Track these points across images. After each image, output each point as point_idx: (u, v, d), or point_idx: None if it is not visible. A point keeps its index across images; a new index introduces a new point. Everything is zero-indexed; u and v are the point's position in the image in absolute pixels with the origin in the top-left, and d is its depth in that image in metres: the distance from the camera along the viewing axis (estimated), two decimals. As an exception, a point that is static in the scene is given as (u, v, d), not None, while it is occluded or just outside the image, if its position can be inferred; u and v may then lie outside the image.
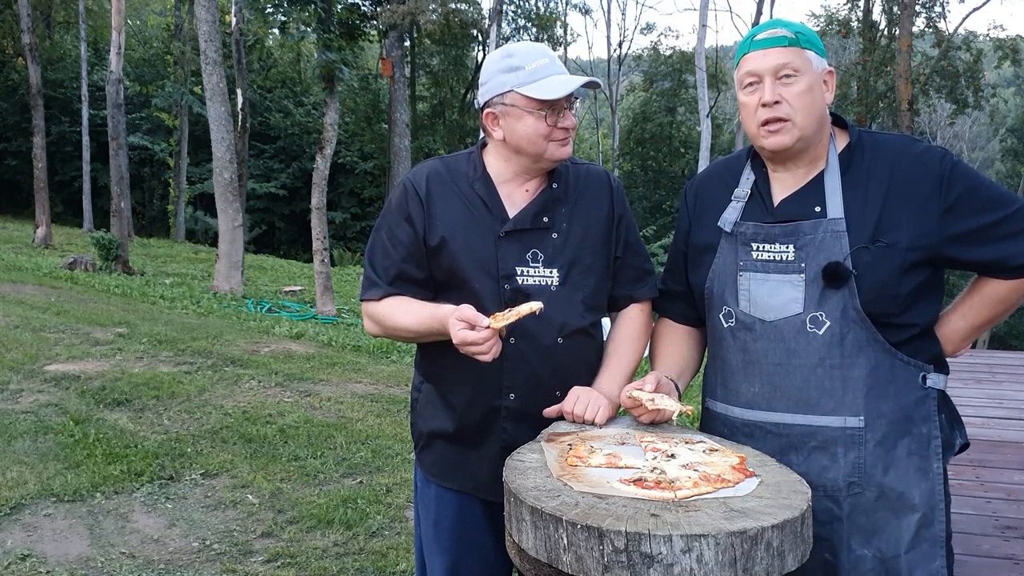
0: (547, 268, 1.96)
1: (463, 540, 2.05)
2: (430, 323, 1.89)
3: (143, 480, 4.56)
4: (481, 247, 1.94)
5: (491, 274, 1.93)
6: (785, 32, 1.80)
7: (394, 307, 1.98)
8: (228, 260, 14.21)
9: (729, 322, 1.90)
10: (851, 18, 23.37)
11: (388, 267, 1.99)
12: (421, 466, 2.15)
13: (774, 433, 1.84)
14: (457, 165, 2.04)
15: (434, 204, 1.97)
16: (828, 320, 1.78)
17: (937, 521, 1.82)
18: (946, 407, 1.89)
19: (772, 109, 1.78)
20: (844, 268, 1.75)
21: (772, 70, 1.78)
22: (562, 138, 1.93)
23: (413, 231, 1.97)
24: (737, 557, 1.31)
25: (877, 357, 1.78)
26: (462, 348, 1.78)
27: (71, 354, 7.49)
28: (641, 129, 32.39)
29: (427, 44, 30.39)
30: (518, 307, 1.79)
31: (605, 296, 2.08)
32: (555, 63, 1.93)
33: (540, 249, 1.96)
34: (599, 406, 1.90)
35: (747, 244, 1.87)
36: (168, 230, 28.75)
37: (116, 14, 16.12)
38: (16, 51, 27.51)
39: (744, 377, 1.88)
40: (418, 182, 2.00)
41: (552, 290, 1.95)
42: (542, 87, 1.88)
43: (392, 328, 2.00)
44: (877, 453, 1.79)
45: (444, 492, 2.06)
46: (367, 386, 7.02)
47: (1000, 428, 5.14)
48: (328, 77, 13.53)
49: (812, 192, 1.83)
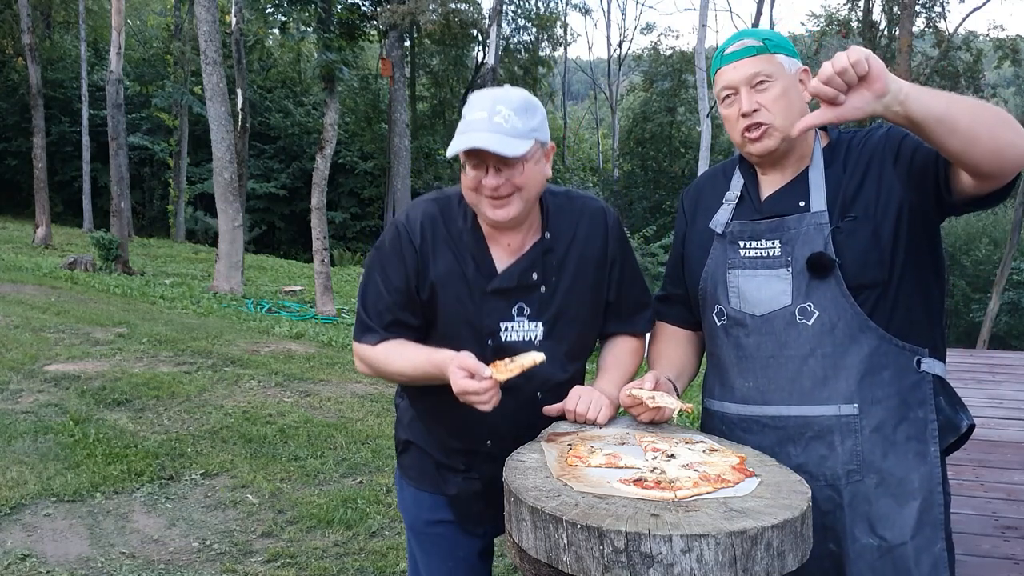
0: (532, 322, 1.93)
1: (445, 544, 2.06)
2: (427, 369, 1.86)
3: (143, 480, 4.56)
4: (468, 302, 1.91)
5: (476, 329, 1.91)
6: (752, 41, 1.85)
7: (389, 352, 1.93)
8: (228, 260, 14.22)
9: (722, 320, 1.93)
10: (851, 18, 23.37)
11: (382, 312, 1.95)
12: (400, 469, 2.16)
13: (770, 426, 1.86)
14: (450, 210, 1.95)
15: (427, 255, 1.91)
16: (817, 310, 1.81)
17: (936, 504, 1.84)
18: (944, 391, 1.90)
19: (751, 117, 1.83)
20: (827, 257, 1.78)
21: (746, 80, 1.83)
22: (491, 197, 1.83)
23: (407, 278, 1.92)
24: (737, 557, 1.31)
25: (871, 343, 1.80)
26: (462, 397, 1.75)
27: (71, 354, 7.49)
28: (641, 129, 32.40)
29: (427, 44, 30.39)
30: (520, 359, 1.78)
31: (591, 341, 2.06)
32: (489, 120, 1.78)
33: (526, 303, 1.93)
34: (601, 405, 1.90)
35: (735, 242, 1.91)
36: (168, 230, 28.75)
37: (116, 14, 16.13)
38: (16, 51, 27.51)
39: (738, 373, 1.91)
40: (412, 229, 1.92)
41: (536, 344, 1.92)
42: (455, 142, 1.81)
43: (386, 372, 1.97)
44: (874, 440, 1.81)
45: (421, 494, 2.08)
46: (367, 386, 7.02)
47: (1000, 428, 5.14)
48: (328, 77, 13.54)
49: (797, 188, 1.87)
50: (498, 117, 1.78)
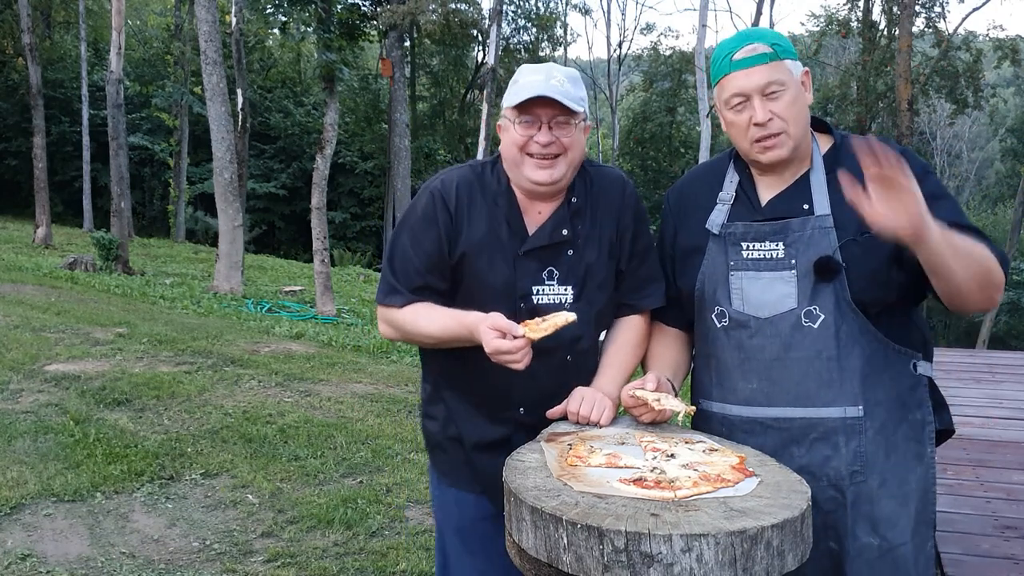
0: (561, 286, 1.96)
1: (491, 543, 2.01)
2: (456, 330, 1.87)
3: (143, 480, 4.56)
4: (501, 266, 1.93)
5: (508, 293, 1.93)
6: (763, 48, 1.82)
7: (416, 314, 1.94)
8: (228, 260, 14.20)
9: (722, 322, 1.92)
10: (851, 18, 23.32)
11: (411, 275, 1.95)
12: (435, 469, 2.13)
13: (775, 428, 1.86)
14: (484, 176, 1.99)
15: (462, 218, 1.94)
16: (822, 313, 1.81)
17: (930, 504, 1.87)
18: (934, 394, 1.92)
19: (765, 127, 1.80)
20: (835, 261, 1.78)
21: (759, 89, 1.80)
22: (538, 154, 1.87)
23: (439, 242, 1.93)
24: (737, 557, 1.31)
25: (871, 346, 1.81)
26: (494, 357, 1.76)
27: (71, 354, 7.49)
28: (641, 129, 32.37)
29: (427, 44, 30.38)
30: (553, 318, 1.78)
31: (612, 309, 2.07)
32: (547, 81, 1.86)
33: (556, 267, 1.96)
34: (604, 407, 1.91)
35: (737, 244, 1.89)
36: (168, 230, 28.73)
37: (116, 14, 16.12)
38: (16, 51, 27.49)
39: (741, 375, 1.90)
40: (447, 192, 1.95)
41: (566, 307, 1.94)
42: (513, 96, 1.87)
43: (413, 334, 1.97)
44: (877, 441, 1.82)
45: (463, 495, 2.06)
46: (367, 386, 7.03)
47: (1000, 428, 5.13)
48: (328, 77, 13.52)
49: (799, 191, 1.87)
50: (554, 80, 1.86)
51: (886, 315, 1.82)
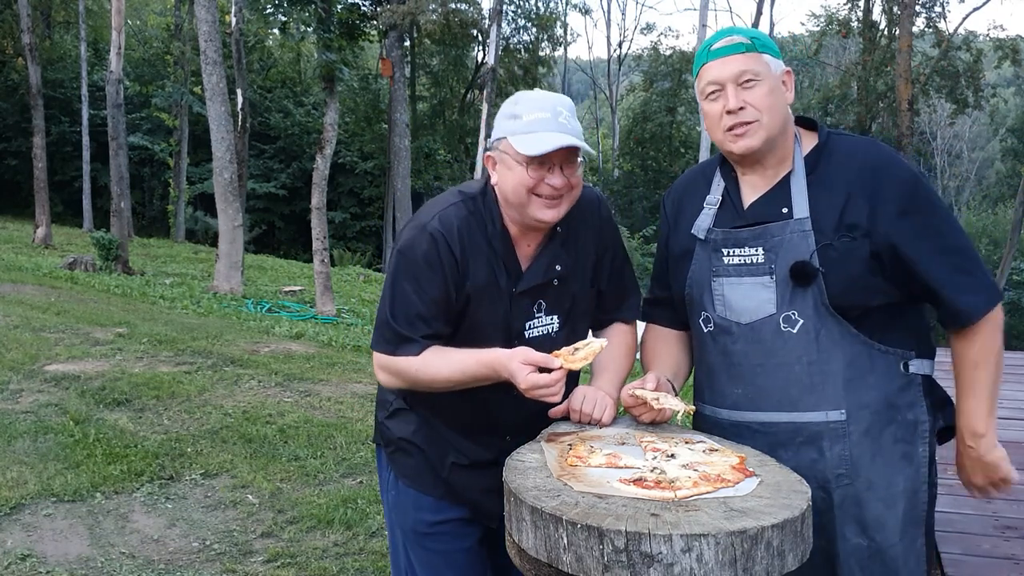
0: (548, 316, 1.97)
1: (449, 546, 2.04)
2: (476, 370, 1.83)
3: (143, 480, 4.56)
4: (499, 306, 1.93)
5: (505, 331, 1.93)
6: (741, 39, 1.83)
7: (428, 361, 1.88)
8: (228, 260, 14.20)
9: (708, 327, 1.93)
10: (851, 18, 23.33)
11: (417, 323, 1.89)
12: (395, 470, 2.09)
13: (761, 432, 1.87)
14: (479, 213, 1.93)
15: (467, 263, 1.89)
16: (801, 318, 1.81)
17: (920, 503, 1.86)
18: (932, 392, 1.91)
19: (737, 115, 1.81)
20: (811, 266, 1.78)
21: (733, 77, 1.81)
22: (549, 196, 1.84)
23: (445, 287, 1.88)
24: (737, 557, 1.31)
25: (853, 349, 1.81)
26: (530, 392, 1.75)
27: (71, 354, 7.48)
28: (641, 129, 32.36)
29: (427, 44, 30.38)
30: (589, 347, 1.81)
31: (587, 328, 2.10)
32: (555, 120, 1.82)
33: (544, 299, 1.97)
34: (606, 405, 1.92)
35: (718, 250, 1.90)
36: (168, 230, 28.72)
37: (116, 14, 16.11)
38: (16, 51, 27.48)
39: (728, 379, 1.91)
40: (451, 236, 1.88)
41: (552, 336, 1.96)
42: (527, 141, 1.80)
43: (422, 381, 1.90)
44: (863, 444, 1.82)
45: (423, 497, 2.05)
46: (367, 386, 7.02)
47: (1000, 428, 5.11)
48: (328, 77, 13.52)
49: (779, 194, 1.86)
50: (561, 118, 1.83)
51: (869, 317, 1.81)
